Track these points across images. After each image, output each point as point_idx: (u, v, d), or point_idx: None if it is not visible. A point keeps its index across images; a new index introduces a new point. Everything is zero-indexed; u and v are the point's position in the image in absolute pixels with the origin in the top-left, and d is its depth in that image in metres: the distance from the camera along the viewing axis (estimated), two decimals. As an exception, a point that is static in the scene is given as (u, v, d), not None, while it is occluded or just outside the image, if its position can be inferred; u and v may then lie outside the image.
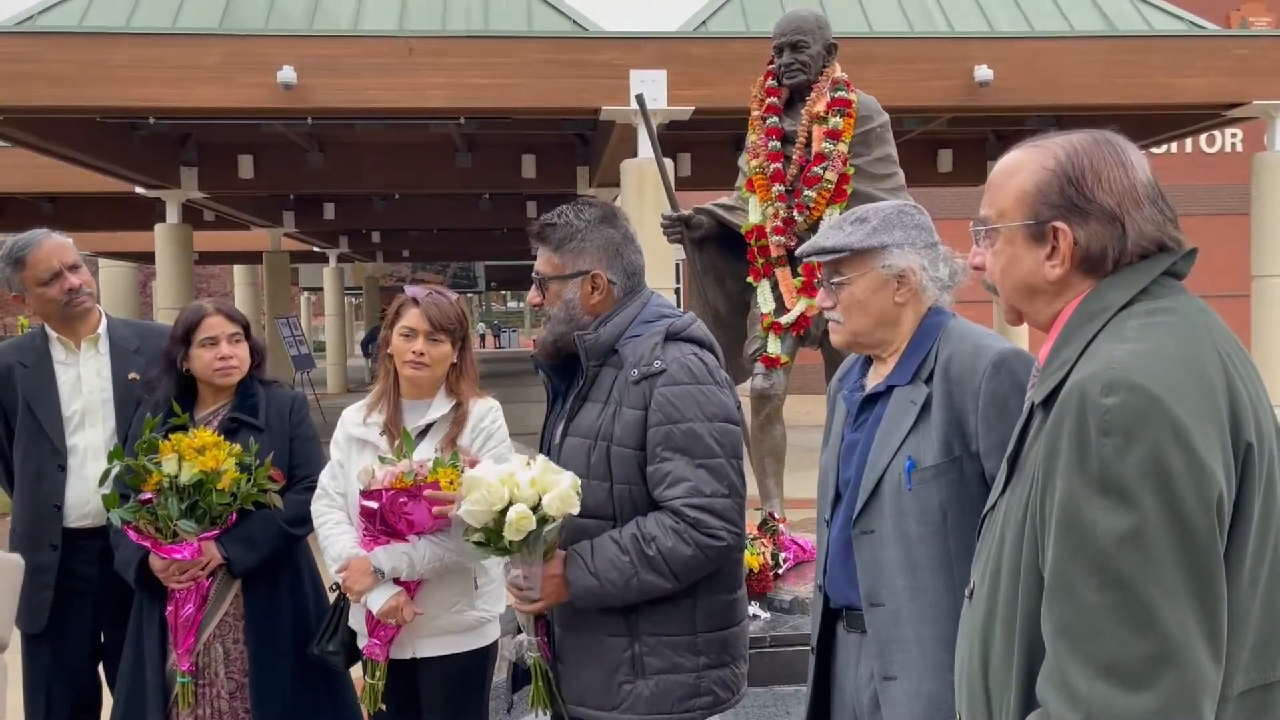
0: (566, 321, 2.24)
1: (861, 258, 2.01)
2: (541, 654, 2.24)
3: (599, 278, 2.24)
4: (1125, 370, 1.23)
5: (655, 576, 2.10)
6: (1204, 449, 1.20)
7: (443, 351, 2.70)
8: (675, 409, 2.12)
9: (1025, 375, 1.86)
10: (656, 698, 2.16)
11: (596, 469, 2.16)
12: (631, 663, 2.17)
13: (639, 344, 2.19)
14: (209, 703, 2.85)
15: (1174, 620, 1.18)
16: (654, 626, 2.17)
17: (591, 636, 2.19)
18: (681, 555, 2.09)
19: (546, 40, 9.14)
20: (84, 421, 3.11)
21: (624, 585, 2.11)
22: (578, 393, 2.24)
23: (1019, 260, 1.42)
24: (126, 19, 9.35)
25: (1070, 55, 9.40)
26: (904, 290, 2.01)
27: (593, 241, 2.25)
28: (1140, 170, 1.38)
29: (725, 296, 4.73)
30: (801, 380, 5.49)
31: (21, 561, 1.33)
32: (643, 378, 2.15)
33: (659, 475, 2.13)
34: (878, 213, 2.06)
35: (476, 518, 2.08)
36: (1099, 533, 1.20)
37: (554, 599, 2.16)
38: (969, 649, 1.45)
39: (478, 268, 38.15)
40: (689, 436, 2.11)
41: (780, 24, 4.44)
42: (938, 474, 1.89)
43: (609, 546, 2.12)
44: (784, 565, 4.37)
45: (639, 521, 2.14)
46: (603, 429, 2.17)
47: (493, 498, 2.05)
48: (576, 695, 2.22)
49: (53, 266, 3.07)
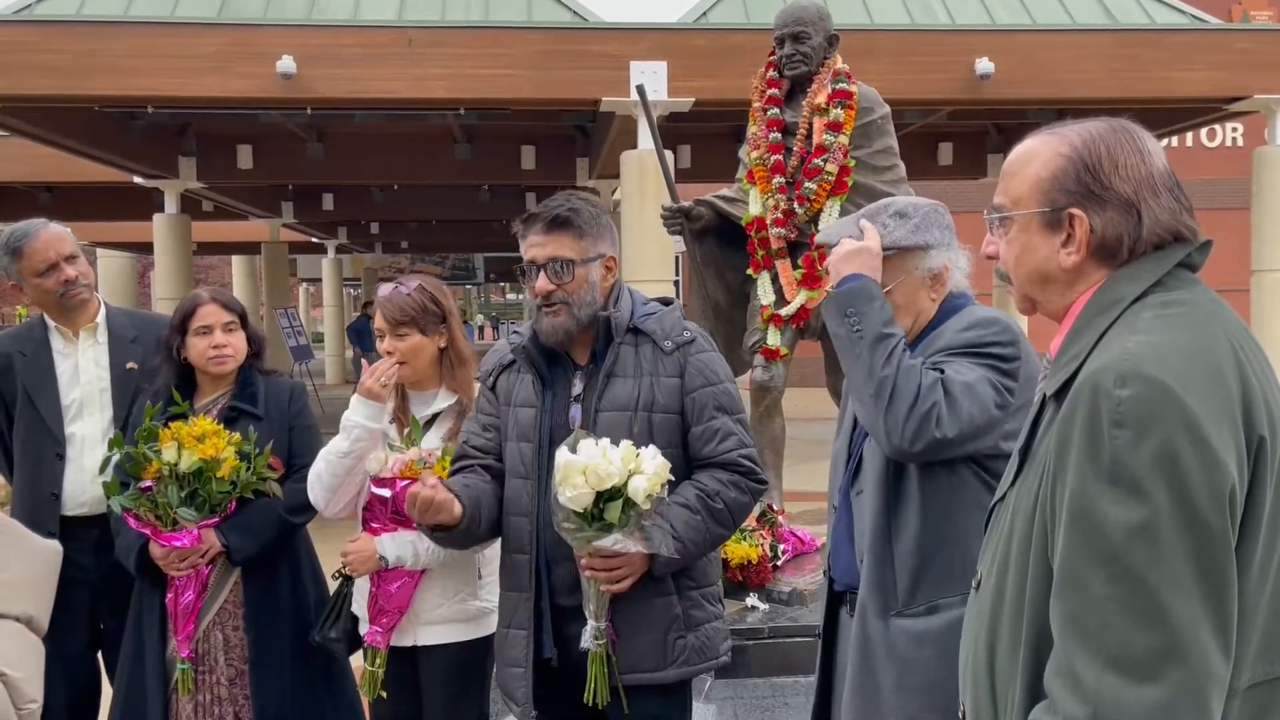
0: (592, 304, 2.32)
1: (899, 260, 2.01)
2: (609, 639, 2.25)
3: (613, 260, 2.38)
4: (1139, 362, 1.22)
5: (721, 529, 2.29)
6: (1217, 442, 1.19)
7: (412, 344, 2.69)
8: (713, 372, 2.33)
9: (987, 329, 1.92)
10: (700, 648, 2.32)
11: (639, 438, 2.23)
12: (683, 618, 2.30)
13: (662, 319, 2.36)
14: (209, 689, 2.85)
15: (1183, 614, 1.17)
16: (691, 581, 2.34)
17: (646, 603, 2.27)
18: (741, 503, 2.30)
19: (546, 31, 9.11)
20: (82, 410, 3.11)
21: (701, 543, 2.26)
22: (604, 370, 2.31)
23: (1034, 248, 1.41)
24: (125, 8, 9.32)
25: (1071, 49, 9.38)
26: (938, 287, 2.04)
27: (606, 226, 2.38)
28: (1157, 158, 1.37)
29: (725, 288, 4.73)
30: (801, 373, 5.48)
31: (60, 548, 1.35)
32: (676, 347, 2.32)
33: (709, 433, 2.29)
34: (915, 208, 2.06)
35: (578, 501, 2.11)
36: (1110, 525, 1.20)
37: (638, 573, 2.22)
38: (975, 639, 1.44)
39: (476, 260, 38.08)
40: (727, 395, 2.33)
41: (781, 15, 4.43)
42: None
43: (680, 510, 2.24)
44: (782, 557, 4.38)
45: (695, 481, 2.29)
46: (643, 399, 2.28)
47: (602, 477, 2.08)
48: (630, 664, 2.26)
49: (49, 258, 3.06)
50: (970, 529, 1.80)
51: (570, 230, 2.31)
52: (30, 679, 1.17)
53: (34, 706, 1.18)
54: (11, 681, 1.15)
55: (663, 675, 2.27)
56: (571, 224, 2.31)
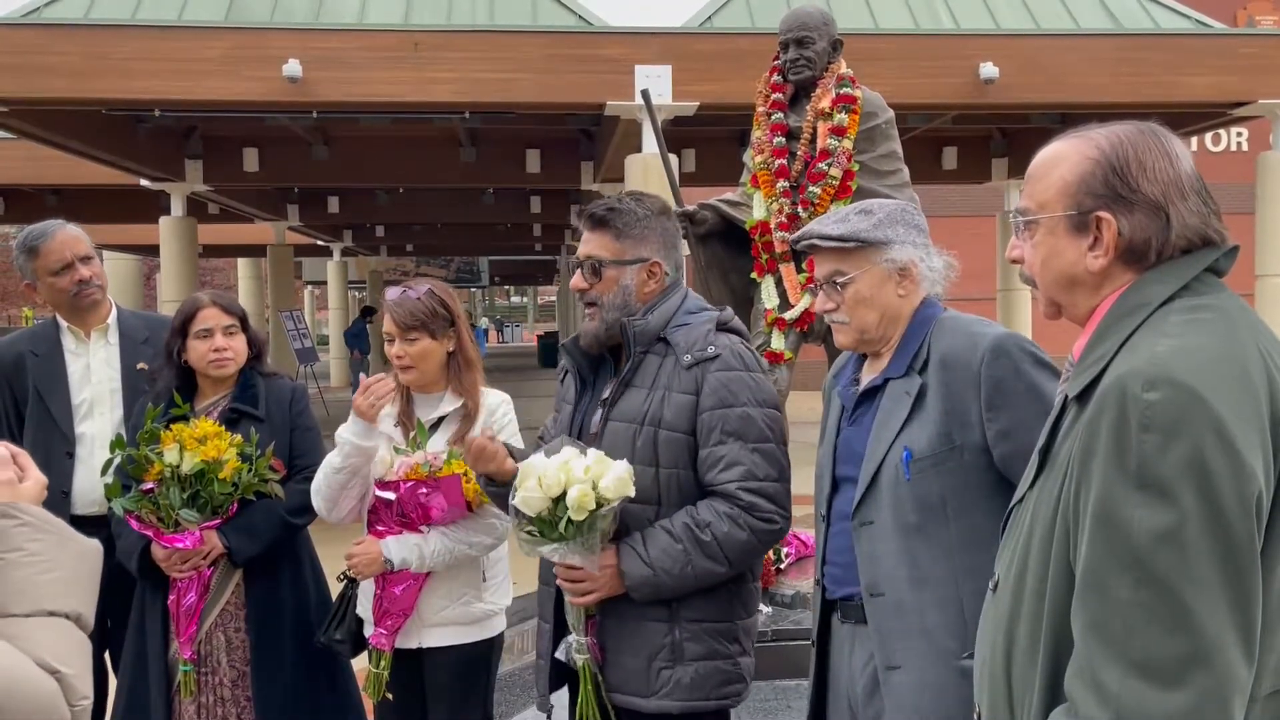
0: (621, 308, 2.25)
1: (864, 252, 2.02)
2: (591, 655, 2.20)
3: (657, 266, 2.28)
4: (1167, 366, 1.21)
5: (710, 562, 2.12)
6: (1245, 447, 1.18)
7: (422, 348, 2.70)
8: (730, 393, 2.16)
9: (1023, 357, 1.88)
10: (696, 684, 2.17)
11: (642, 453, 2.17)
12: (671, 649, 2.17)
13: (690, 331, 2.23)
14: (211, 690, 2.86)
15: (1208, 620, 1.16)
16: (695, 613, 2.18)
17: (634, 623, 2.19)
18: (736, 540, 2.12)
19: (551, 35, 9.13)
20: (92, 410, 3.16)
21: (679, 573, 2.12)
22: (621, 379, 2.24)
23: (1060, 252, 1.40)
24: (132, 11, 9.36)
25: (1076, 53, 9.38)
26: (906, 283, 2.02)
27: (654, 230, 2.28)
28: (1184, 161, 1.36)
29: (729, 292, 4.73)
30: (805, 376, 5.50)
31: (100, 546, 1.37)
32: (695, 362, 2.18)
33: (713, 459, 2.15)
34: (882, 207, 2.07)
35: (531, 505, 2.08)
36: (1136, 529, 1.19)
37: (607, 591, 2.16)
38: (992, 642, 1.43)
39: (481, 263, 38.15)
40: (744, 420, 2.15)
41: (785, 20, 4.43)
42: (936, 463, 1.89)
43: (661, 535, 2.14)
44: (786, 560, 4.39)
45: (690, 509, 2.16)
46: (650, 414, 2.18)
47: (549, 484, 2.05)
48: (616, 682, 2.21)
49: (64, 258, 3.13)
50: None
51: (608, 230, 2.25)
52: (81, 676, 1.19)
53: (86, 703, 1.19)
54: (65, 679, 1.16)
55: (646, 704, 2.18)
56: (609, 224, 2.25)
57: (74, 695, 1.16)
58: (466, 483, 2.56)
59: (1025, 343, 1.93)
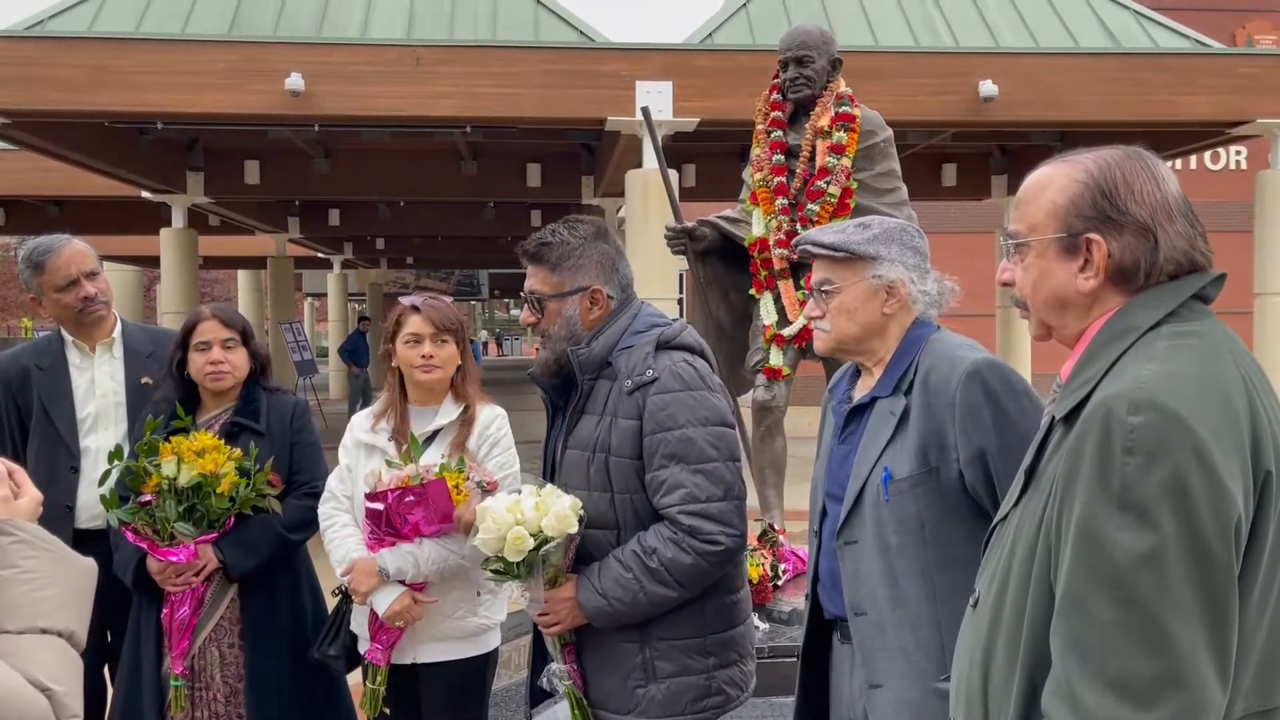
0: (568, 339, 2.24)
1: (853, 265, 2.03)
2: (574, 681, 2.25)
3: (598, 293, 2.26)
4: (1152, 390, 1.24)
5: (661, 588, 2.13)
6: (1225, 472, 1.20)
7: (450, 352, 2.75)
8: (668, 416, 2.14)
9: (998, 383, 1.89)
10: (670, 700, 2.19)
11: (596, 480, 2.19)
12: (643, 667, 2.20)
13: (631, 354, 2.21)
14: (205, 706, 2.85)
15: (1185, 642, 1.18)
16: (664, 631, 2.20)
17: (609, 644, 2.22)
18: (683, 564, 2.12)
19: (553, 50, 9.17)
20: (97, 424, 3.16)
21: (632, 601, 2.14)
22: (575, 406, 2.26)
23: (1051, 274, 1.42)
24: (136, 24, 9.41)
25: (1075, 72, 9.42)
26: (893, 301, 2.03)
27: (590, 257, 2.26)
28: (1171, 184, 1.39)
29: (728, 308, 4.75)
30: (803, 392, 5.50)
31: (95, 565, 1.38)
32: (636, 388, 2.17)
33: (656, 483, 2.16)
34: (881, 224, 2.09)
35: (489, 545, 2.15)
36: (1116, 550, 1.21)
37: (570, 622, 2.20)
38: (969, 658, 1.44)
39: (481, 275, 38.18)
40: (683, 442, 2.13)
41: (785, 38, 4.46)
42: (913, 485, 1.90)
43: (613, 565, 2.16)
44: (783, 577, 4.38)
45: (640, 536, 2.17)
46: (600, 440, 2.19)
47: (501, 525, 2.10)
48: (598, 699, 2.25)
49: (70, 274, 3.13)
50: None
51: (543, 264, 2.27)
52: (72, 694, 1.19)
53: None
54: (56, 697, 1.17)
55: None
56: (542, 259, 2.27)
57: (64, 713, 1.16)
58: (456, 494, 2.56)
59: (1003, 370, 1.93)
